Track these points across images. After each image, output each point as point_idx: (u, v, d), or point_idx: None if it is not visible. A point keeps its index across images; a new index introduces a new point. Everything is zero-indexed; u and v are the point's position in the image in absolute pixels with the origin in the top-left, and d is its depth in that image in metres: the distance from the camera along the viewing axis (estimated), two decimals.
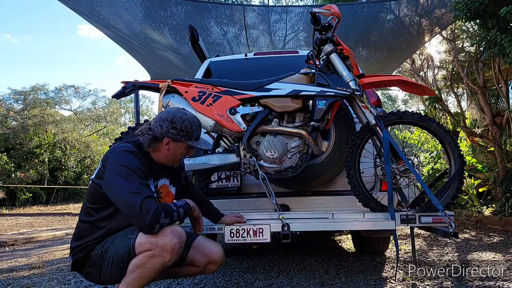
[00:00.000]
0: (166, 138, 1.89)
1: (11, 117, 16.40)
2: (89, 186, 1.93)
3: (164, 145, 1.91)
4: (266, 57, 3.80)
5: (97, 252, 1.82)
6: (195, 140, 1.94)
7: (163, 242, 1.69)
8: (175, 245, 1.70)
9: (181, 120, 1.90)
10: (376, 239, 3.54)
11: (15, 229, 7.54)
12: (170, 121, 1.89)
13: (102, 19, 6.06)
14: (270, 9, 7.39)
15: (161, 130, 1.88)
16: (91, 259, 1.83)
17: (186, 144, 1.93)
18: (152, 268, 1.71)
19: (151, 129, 1.90)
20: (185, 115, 1.93)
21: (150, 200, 1.69)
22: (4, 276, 3.37)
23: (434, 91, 7.40)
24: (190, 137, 1.92)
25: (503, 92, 7.17)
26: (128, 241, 1.75)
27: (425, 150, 8.24)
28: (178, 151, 1.95)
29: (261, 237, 2.25)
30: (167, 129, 1.88)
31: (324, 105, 2.36)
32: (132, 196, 1.67)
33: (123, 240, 1.77)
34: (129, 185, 1.70)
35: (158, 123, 1.90)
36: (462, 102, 10.09)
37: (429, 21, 6.42)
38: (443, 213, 2.17)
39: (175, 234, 1.72)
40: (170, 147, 1.92)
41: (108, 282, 1.88)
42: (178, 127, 1.89)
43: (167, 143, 1.90)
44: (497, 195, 6.38)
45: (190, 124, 1.92)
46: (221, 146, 2.63)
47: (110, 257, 1.78)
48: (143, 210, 1.65)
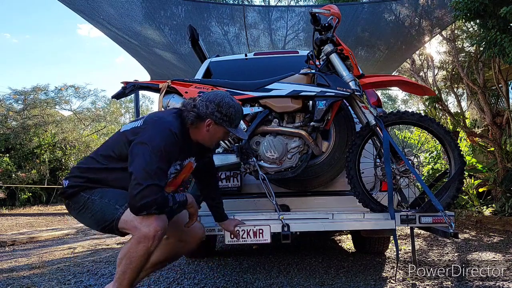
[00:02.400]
0: (208, 120, 1.90)
1: (11, 117, 16.40)
2: (119, 135, 1.96)
3: (206, 125, 1.91)
4: (266, 57, 3.80)
5: (85, 196, 1.88)
6: (234, 127, 1.96)
7: (146, 230, 1.74)
8: (157, 232, 1.76)
9: (228, 106, 1.91)
10: (376, 239, 3.54)
11: (15, 229, 7.54)
12: (217, 104, 1.90)
13: (102, 19, 6.06)
14: (270, 9, 7.39)
15: (206, 110, 1.89)
16: (77, 197, 1.90)
17: (225, 129, 1.94)
18: (138, 256, 1.76)
19: (196, 107, 1.91)
20: (232, 101, 1.95)
21: (155, 188, 1.72)
22: (4, 276, 3.38)
23: (434, 91, 7.41)
24: (232, 123, 1.94)
25: (503, 92, 7.17)
26: (115, 211, 1.81)
27: (425, 150, 8.23)
28: (216, 134, 1.96)
29: (261, 238, 2.26)
30: (212, 111, 1.89)
31: (324, 105, 2.36)
32: (144, 176, 1.71)
33: (110, 206, 1.83)
34: (149, 165, 1.73)
35: (205, 103, 1.91)
36: (462, 102, 10.09)
37: (429, 21, 6.42)
38: (443, 213, 2.17)
39: (159, 222, 1.77)
40: (210, 129, 1.92)
41: (83, 223, 1.99)
42: (224, 112, 1.90)
43: (208, 124, 1.91)
44: (497, 195, 6.38)
45: (235, 111, 1.93)
46: (221, 146, 2.63)
47: (94, 211, 1.85)
48: (142, 193, 1.70)
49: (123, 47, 7.04)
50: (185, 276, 3.10)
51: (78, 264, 3.84)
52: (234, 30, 6.87)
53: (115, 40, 6.79)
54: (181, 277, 3.06)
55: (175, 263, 3.64)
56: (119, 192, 1.87)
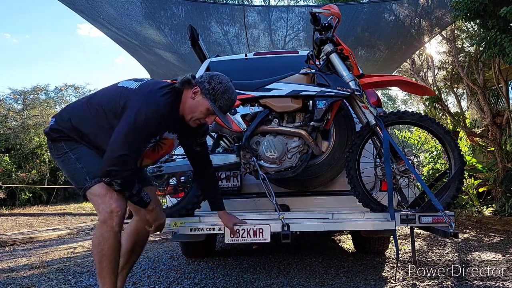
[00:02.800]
0: (196, 87, 1.92)
1: (11, 117, 16.40)
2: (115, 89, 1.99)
3: (192, 92, 1.93)
4: (266, 57, 3.80)
5: (65, 148, 1.95)
6: (218, 108, 1.93)
7: (107, 210, 1.84)
8: (117, 212, 1.85)
9: (219, 81, 1.93)
10: (376, 239, 3.54)
11: (15, 229, 7.54)
12: (210, 76, 1.95)
13: (102, 19, 6.05)
14: (270, 9, 7.40)
15: (200, 79, 1.94)
16: (59, 145, 1.97)
17: (208, 105, 1.92)
18: (104, 237, 1.84)
19: (194, 77, 1.96)
20: (227, 82, 1.96)
21: (126, 158, 1.80)
22: (4, 276, 3.38)
23: (434, 91, 7.41)
24: (216, 101, 1.92)
25: (503, 92, 7.16)
26: (84, 181, 1.90)
27: (425, 150, 8.23)
28: (199, 107, 1.93)
29: (261, 237, 2.25)
30: (203, 80, 1.93)
31: (324, 105, 2.36)
32: (122, 144, 1.79)
33: (82, 174, 1.91)
34: (129, 136, 1.80)
35: (202, 74, 1.97)
36: (462, 102, 10.09)
37: (429, 21, 6.42)
38: (443, 213, 2.17)
39: (119, 203, 1.86)
40: (196, 97, 1.93)
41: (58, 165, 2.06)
42: (212, 84, 1.92)
43: (195, 91, 1.93)
44: (497, 195, 6.38)
45: (223, 90, 1.93)
46: (221, 146, 2.63)
47: (68, 169, 1.95)
48: (114, 160, 1.78)
49: (123, 47, 7.04)
50: (185, 276, 3.10)
51: (78, 264, 3.84)
52: (234, 30, 6.87)
53: (115, 40, 6.79)
54: (181, 277, 3.06)
55: (175, 263, 3.65)
56: (93, 158, 1.92)
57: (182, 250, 3.84)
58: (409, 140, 8.14)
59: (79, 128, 1.95)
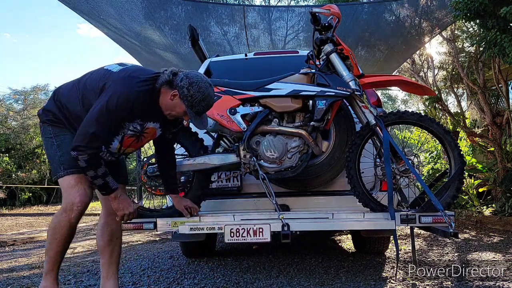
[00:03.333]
0: (176, 91, 1.98)
1: (11, 117, 16.40)
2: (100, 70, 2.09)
3: (171, 94, 1.99)
4: (266, 57, 3.80)
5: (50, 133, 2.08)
6: (194, 113, 2.01)
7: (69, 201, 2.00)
8: (78, 206, 2.00)
9: (198, 89, 1.97)
10: (376, 239, 3.54)
11: (15, 229, 7.54)
12: (191, 82, 1.97)
13: (102, 19, 6.06)
14: (270, 9, 7.40)
15: (180, 83, 1.98)
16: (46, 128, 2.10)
17: (185, 109, 2.01)
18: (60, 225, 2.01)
19: (175, 75, 2.00)
20: (206, 89, 2.00)
21: (97, 140, 1.90)
22: (4, 276, 3.38)
23: (434, 91, 7.41)
24: (193, 107, 1.99)
25: (503, 92, 7.17)
26: (58, 170, 2.04)
27: (425, 150, 8.23)
28: (176, 107, 2.02)
29: (261, 237, 2.25)
30: (183, 86, 1.97)
31: (324, 105, 2.36)
32: (95, 124, 1.88)
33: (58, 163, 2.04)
34: (102, 117, 1.89)
35: (182, 77, 1.99)
36: (462, 102, 10.09)
37: (429, 21, 6.42)
38: (443, 213, 2.17)
39: (82, 197, 2.01)
40: (174, 100, 2.00)
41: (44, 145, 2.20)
42: (191, 92, 1.96)
43: (174, 94, 1.99)
44: (497, 195, 6.38)
45: (201, 98, 1.98)
46: (221, 146, 2.63)
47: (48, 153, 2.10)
48: (85, 136, 1.88)
49: (123, 47, 7.05)
50: (185, 276, 3.10)
51: (78, 264, 3.84)
52: (234, 30, 6.87)
53: (115, 40, 6.79)
54: (181, 277, 3.06)
55: (175, 263, 3.65)
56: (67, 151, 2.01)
57: (182, 250, 3.84)
58: (409, 140, 8.14)
59: (67, 106, 2.06)
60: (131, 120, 2.03)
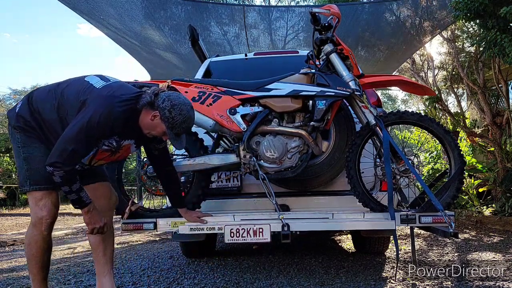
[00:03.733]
0: (157, 112, 1.99)
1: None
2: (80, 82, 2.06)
3: (152, 115, 2.01)
4: (266, 57, 3.80)
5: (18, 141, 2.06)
6: (174, 134, 2.04)
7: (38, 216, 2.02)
8: (46, 220, 2.02)
9: (179, 112, 1.99)
10: (376, 239, 3.54)
11: (15, 229, 7.54)
12: (172, 105, 1.98)
13: (102, 19, 6.06)
14: (270, 9, 7.40)
15: (161, 104, 1.99)
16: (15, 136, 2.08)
17: (165, 130, 2.03)
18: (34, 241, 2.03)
19: (156, 96, 2.01)
20: (187, 112, 2.01)
21: (73, 157, 1.88)
22: (4, 276, 3.38)
23: (434, 91, 7.41)
24: (173, 128, 2.02)
25: (503, 92, 7.17)
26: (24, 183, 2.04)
27: (425, 150, 8.23)
28: (157, 128, 2.04)
29: (261, 237, 2.26)
30: (164, 107, 1.98)
31: (324, 105, 2.36)
32: (72, 140, 1.87)
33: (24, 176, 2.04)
34: (82, 134, 1.88)
35: (164, 98, 2.00)
36: (462, 102, 10.09)
37: (429, 21, 6.42)
38: (443, 213, 2.17)
39: (48, 211, 2.03)
40: (155, 120, 2.02)
41: None
42: (172, 114, 1.98)
43: (155, 115, 2.00)
44: (497, 195, 6.38)
45: (182, 120, 2.00)
46: (221, 146, 2.63)
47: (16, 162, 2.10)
48: (62, 153, 1.86)
49: (123, 47, 7.05)
50: (185, 276, 3.10)
51: (78, 264, 3.84)
52: (234, 30, 6.87)
53: (115, 40, 6.79)
54: (181, 277, 3.06)
55: (175, 263, 3.65)
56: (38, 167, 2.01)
57: (182, 250, 3.84)
58: (409, 140, 8.14)
59: (40, 112, 2.04)
60: (109, 137, 2.04)
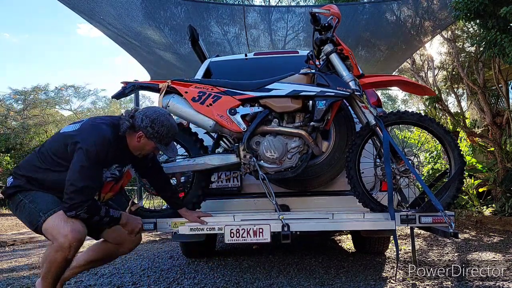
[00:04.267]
0: (140, 132, 2.04)
1: (12, 117, 16.41)
2: (57, 136, 2.09)
3: (137, 137, 2.05)
4: (266, 57, 3.80)
5: (20, 197, 2.02)
6: (164, 145, 2.10)
7: (62, 241, 1.87)
8: (72, 244, 1.89)
9: (161, 124, 2.05)
10: (376, 239, 3.54)
11: (15, 229, 7.54)
12: (152, 120, 2.04)
13: (102, 19, 6.05)
14: (270, 9, 7.39)
15: (141, 124, 2.03)
16: (14, 197, 2.04)
17: (154, 145, 2.09)
18: (57, 262, 1.92)
19: (133, 117, 2.05)
20: (167, 121, 2.08)
21: (86, 190, 1.89)
22: (4, 276, 3.38)
23: (434, 91, 7.41)
24: (161, 141, 2.08)
25: (503, 92, 7.17)
26: (38, 218, 1.95)
27: (425, 150, 8.23)
28: (146, 146, 2.10)
29: (261, 237, 2.26)
30: (145, 126, 2.03)
31: (324, 105, 2.36)
32: (77, 178, 1.88)
33: (36, 213, 1.96)
34: (83, 169, 1.89)
35: (141, 117, 2.05)
36: (462, 102, 10.09)
37: (429, 21, 6.42)
38: (443, 213, 2.17)
39: (74, 233, 1.89)
40: (141, 141, 2.07)
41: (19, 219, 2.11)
42: (156, 129, 2.04)
43: (139, 136, 2.05)
44: (497, 195, 6.38)
45: (167, 131, 2.07)
46: (221, 146, 2.63)
47: (24, 213, 2.00)
48: (74, 193, 1.86)
49: (123, 47, 7.04)
50: (185, 276, 3.10)
51: None
52: (234, 30, 6.87)
53: (115, 40, 6.78)
54: (181, 277, 3.06)
55: (175, 263, 3.65)
56: (47, 198, 2.00)
57: (182, 250, 3.84)
58: (409, 140, 8.14)
59: (33, 177, 2.02)
60: (109, 165, 2.07)
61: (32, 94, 16.95)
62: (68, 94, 18.40)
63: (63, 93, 18.10)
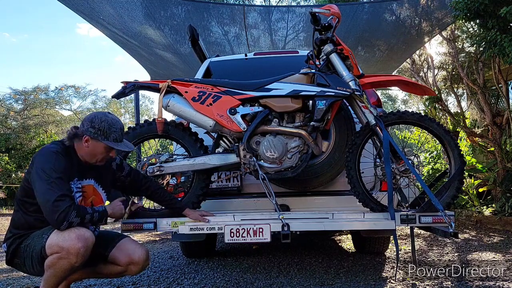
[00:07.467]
0: (85, 136, 2.03)
1: (12, 117, 16.41)
2: (22, 180, 2.09)
3: (84, 142, 2.04)
4: (266, 57, 3.80)
5: (23, 246, 1.97)
6: (113, 141, 2.06)
7: (68, 246, 1.82)
8: (80, 249, 1.83)
9: (100, 121, 2.04)
10: (376, 239, 3.54)
11: None
12: (90, 120, 2.05)
13: (102, 19, 6.05)
14: (270, 10, 7.39)
15: (82, 128, 2.05)
16: (19, 251, 1.98)
17: (104, 144, 2.05)
18: (62, 269, 1.86)
19: (76, 128, 2.08)
20: (105, 116, 2.08)
21: (63, 198, 1.85)
22: (4, 276, 3.38)
23: (434, 91, 7.41)
24: (108, 137, 2.04)
25: (503, 92, 7.16)
26: (41, 240, 1.90)
27: (425, 150, 8.23)
28: (97, 149, 2.06)
29: (261, 237, 2.26)
30: (87, 128, 2.03)
31: (324, 105, 2.36)
32: (49, 193, 1.84)
33: (39, 238, 1.92)
34: (48, 183, 1.86)
35: (82, 123, 2.07)
36: (462, 102, 10.09)
37: (429, 21, 6.42)
38: (443, 213, 2.17)
39: (80, 238, 1.85)
40: (89, 144, 2.04)
41: (33, 274, 2.06)
42: (96, 127, 2.03)
43: (86, 140, 2.04)
44: (497, 195, 6.38)
45: (108, 125, 2.05)
46: (221, 146, 2.63)
47: (30, 252, 1.94)
48: (54, 207, 1.82)
49: (123, 47, 7.04)
50: (185, 276, 3.10)
51: None
52: (234, 30, 6.87)
53: (115, 40, 6.78)
54: (181, 277, 3.06)
55: (175, 263, 3.65)
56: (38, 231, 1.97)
57: (182, 250, 3.84)
58: (409, 140, 8.14)
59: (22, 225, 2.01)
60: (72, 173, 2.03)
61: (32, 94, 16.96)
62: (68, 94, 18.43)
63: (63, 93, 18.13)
